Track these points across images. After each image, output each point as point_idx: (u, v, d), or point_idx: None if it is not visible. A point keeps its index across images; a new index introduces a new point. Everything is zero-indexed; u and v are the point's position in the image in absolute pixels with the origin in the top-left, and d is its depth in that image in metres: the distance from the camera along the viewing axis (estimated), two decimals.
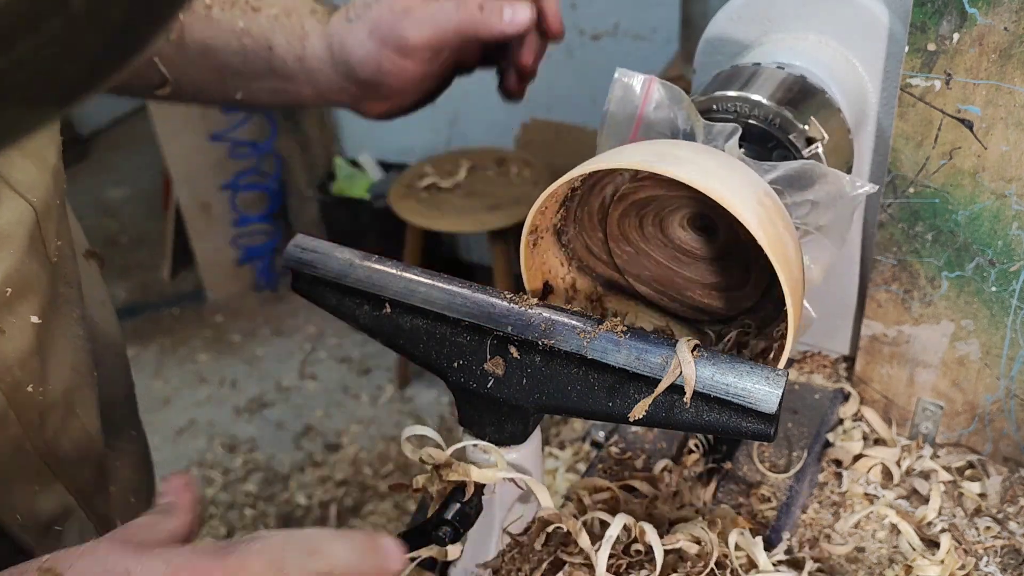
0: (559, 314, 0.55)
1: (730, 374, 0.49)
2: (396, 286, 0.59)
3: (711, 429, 0.51)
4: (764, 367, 0.49)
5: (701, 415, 0.50)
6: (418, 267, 0.60)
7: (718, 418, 0.50)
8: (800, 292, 0.53)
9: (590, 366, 0.53)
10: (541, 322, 0.54)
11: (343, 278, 0.60)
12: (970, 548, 0.69)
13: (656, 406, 0.51)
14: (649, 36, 2.51)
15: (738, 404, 0.49)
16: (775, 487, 0.73)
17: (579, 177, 0.54)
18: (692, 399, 0.50)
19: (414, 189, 2.53)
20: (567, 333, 0.53)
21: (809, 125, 0.63)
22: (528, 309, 0.55)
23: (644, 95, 0.62)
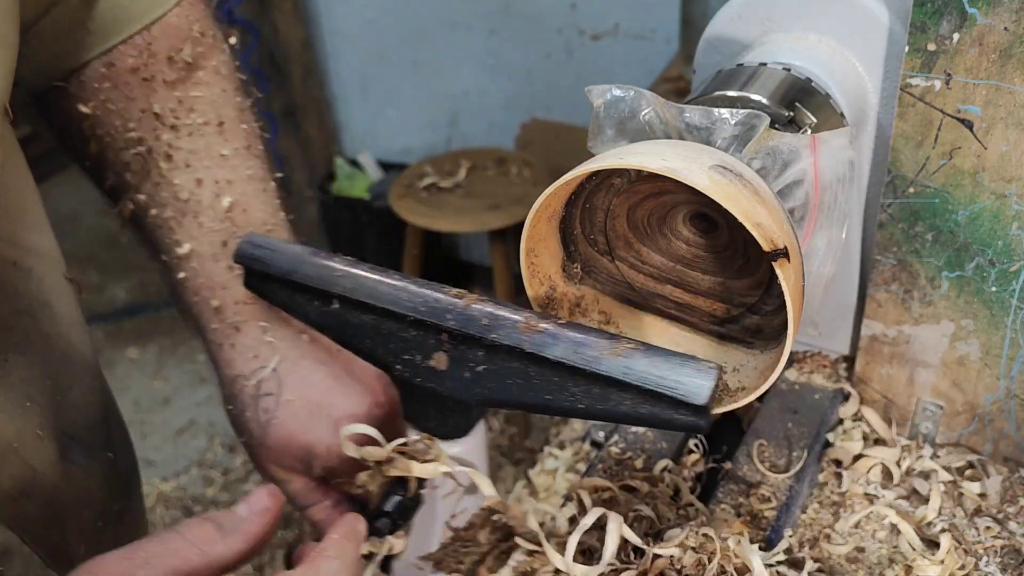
0: (500, 308, 0.56)
1: (663, 367, 0.50)
2: (344, 282, 0.59)
3: (646, 421, 0.52)
4: (697, 360, 0.50)
5: (636, 408, 0.51)
6: (367, 263, 0.61)
7: (652, 410, 0.51)
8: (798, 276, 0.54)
9: (530, 360, 0.54)
10: (483, 317, 0.55)
11: (292, 274, 0.61)
12: (970, 548, 0.69)
13: (593, 399, 0.52)
14: (649, 36, 2.51)
15: (670, 396, 0.50)
16: (775, 487, 0.73)
17: (564, 191, 0.55)
18: (627, 392, 0.51)
19: (414, 189, 2.53)
20: (507, 327, 0.54)
21: (809, 125, 0.63)
22: (471, 304, 0.56)
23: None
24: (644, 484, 0.72)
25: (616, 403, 0.52)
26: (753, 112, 0.57)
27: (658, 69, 2.27)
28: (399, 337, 0.58)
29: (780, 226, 0.53)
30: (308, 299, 0.61)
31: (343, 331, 0.60)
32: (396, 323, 0.58)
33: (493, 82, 2.80)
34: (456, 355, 0.56)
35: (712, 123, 0.58)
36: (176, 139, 0.68)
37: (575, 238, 0.62)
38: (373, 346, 0.59)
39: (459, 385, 0.57)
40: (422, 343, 0.57)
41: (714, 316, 0.63)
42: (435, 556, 0.63)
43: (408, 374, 0.58)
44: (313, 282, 0.60)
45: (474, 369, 0.56)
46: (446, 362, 0.57)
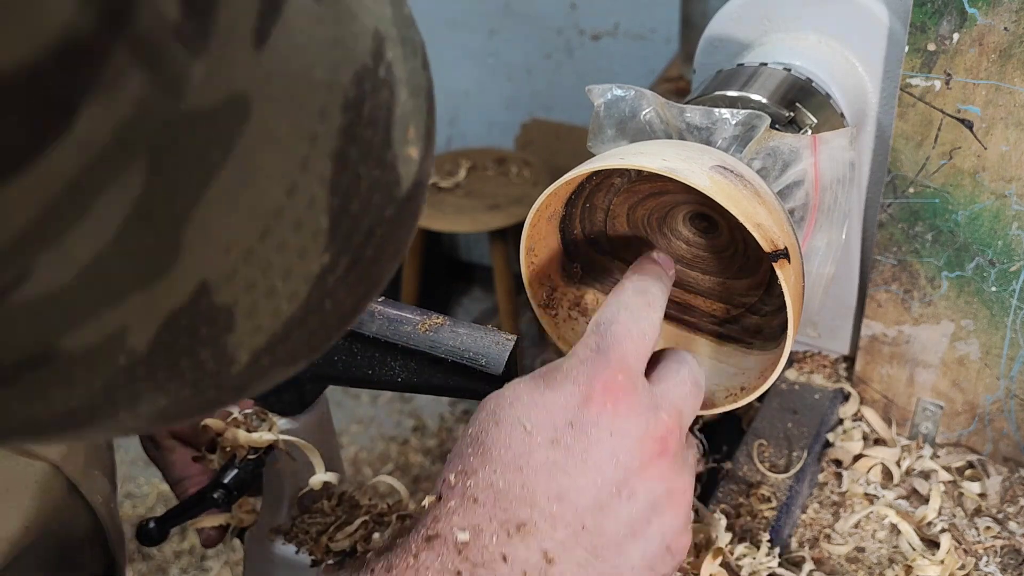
0: None
1: (465, 340, 0.54)
2: None
3: (458, 392, 0.55)
4: (496, 332, 0.54)
5: (447, 380, 0.55)
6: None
7: (461, 382, 0.54)
8: (798, 275, 0.54)
9: (352, 337, 0.57)
10: None
11: None
12: (970, 548, 0.69)
13: (410, 373, 0.55)
14: (649, 36, 2.51)
15: (472, 368, 0.53)
16: (775, 487, 0.73)
17: (564, 191, 0.55)
18: (438, 365, 0.55)
19: None
20: None
21: (809, 125, 0.63)
22: None
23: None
24: None
25: (430, 376, 0.55)
26: (753, 112, 0.57)
27: (658, 69, 2.27)
28: None
29: (780, 227, 0.53)
30: None
31: None
32: None
33: (493, 82, 2.80)
34: None
35: (712, 123, 0.58)
36: None
37: (575, 238, 0.62)
38: None
39: None
40: None
41: (714, 316, 0.63)
42: (283, 527, 0.65)
43: None
44: None
45: None
46: None
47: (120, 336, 0.23)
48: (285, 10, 0.23)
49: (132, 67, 0.20)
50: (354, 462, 2.51)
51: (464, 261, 3.16)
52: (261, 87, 0.23)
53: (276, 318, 0.26)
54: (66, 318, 0.22)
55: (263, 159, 0.24)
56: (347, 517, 0.65)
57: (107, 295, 0.23)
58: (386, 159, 0.28)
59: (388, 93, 0.27)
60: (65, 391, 0.24)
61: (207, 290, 0.24)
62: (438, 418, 2.65)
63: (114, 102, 0.20)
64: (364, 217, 0.28)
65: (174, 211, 0.22)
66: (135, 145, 0.21)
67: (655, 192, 0.60)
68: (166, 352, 0.24)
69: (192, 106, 0.21)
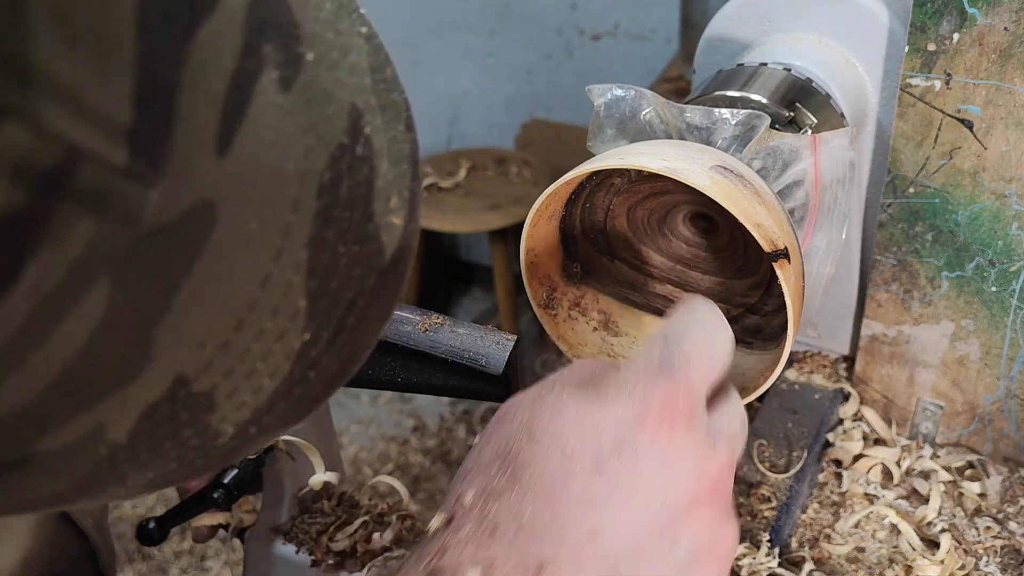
0: None
1: (465, 340, 0.54)
2: None
3: (458, 392, 0.55)
4: (496, 332, 0.54)
5: (447, 380, 0.55)
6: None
7: (461, 382, 0.55)
8: (798, 275, 0.53)
9: None
10: None
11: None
12: (970, 548, 0.69)
13: (409, 372, 0.56)
14: (649, 36, 2.51)
15: (472, 368, 0.53)
16: (775, 487, 0.73)
17: (564, 191, 0.55)
18: (437, 365, 0.55)
19: None
20: None
21: (809, 125, 0.63)
22: None
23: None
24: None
25: (429, 376, 0.56)
26: (754, 112, 0.57)
27: (658, 69, 2.27)
28: None
29: (780, 227, 0.53)
30: None
31: None
32: None
33: (493, 82, 2.79)
34: None
35: (712, 123, 0.58)
36: None
37: (575, 238, 0.62)
38: None
39: None
40: None
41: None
42: (283, 527, 0.66)
43: None
44: None
45: None
46: None
47: (98, 432, 0.24)
48: (249, 111, 0.23)
49: (79, 216, 0.20)
50: (354, 462, 2.51)
51: (464, 261, 3.16)
52: (227, 191, 0.23)
53: (258, 394, 0.26)
54: (40, 426, 0.23)
55: (233, 258, 0.24)
56: (347, 517, 0.65)
57: (79, 401, 0.23)
58: (367, 232, 0.27)
59: (367, 168, 0.27)
60: (49, 481, 0.24)
61: (184, 382, 0.24)
62: (438, 418, 2.65)
63: (63, 248, 0.20)
64: (345, 291, 0.27)
65: (142, 319, 0.23)
66: (93, 273, 0.21)
67: (655, 192, 0.60)
68: (147, 438, 0.24)
69: (152, 226, 0.21)
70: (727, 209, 0.50)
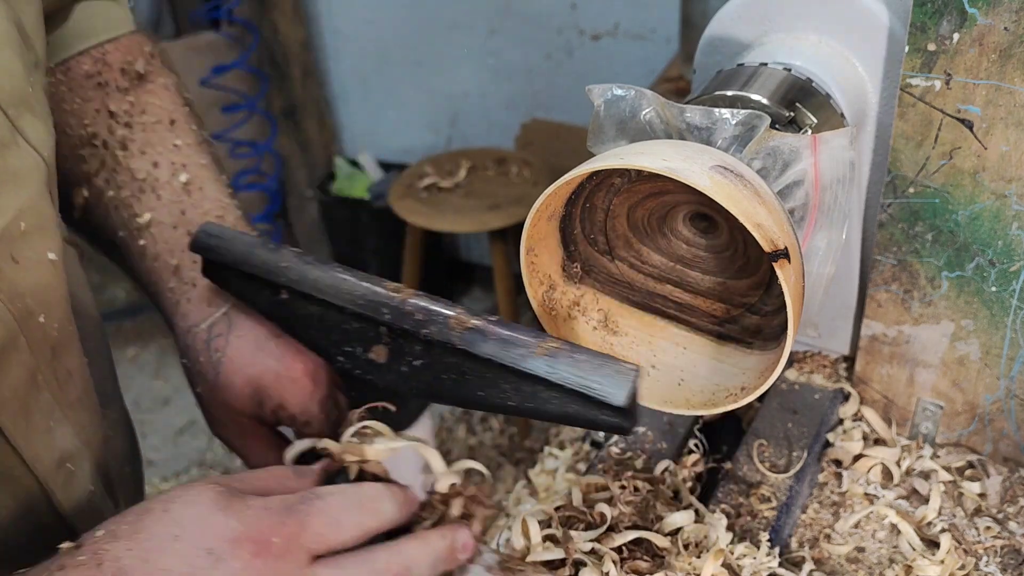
0: (435, 303, 0.57)
1: (585, 367, 0.52)
2: (289, 273, 0.61)
3: (574, 420, 0.53)
4: (617, 362, 0.52)
5: (563, 407, 0.52)
6: (313, 256, 0.62)
7: (578, 410, 0.52)
8: (799, 274, 0.53)
9: (462, 356, 0.55)
10: (418, 312, 0.56)
11: (244, 264, 0.63)
12: (970, 548, 0.69)
13: (523, 396, 0.53)
14: (649, 36, 2.51)
15: (592, 397, 0.51)
16: (775, 487, 0.73)
17: (564, 190, 0.55)
18: (553, 391, 0.52)
19: (414, 189, 2.53)
20: (440, 323, 0.55)
21: (809, 125, 0.63)
22: (407, 299, 0.57)
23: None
24: (645, 484, 0.72)
25: (544, 401, 0.53)
26: (754, 112, 0.57)
27: (658, 69, 2.27)
28: (341, 329, 0.60)
29: (780, 226, 0.53)
30: (259, 288, 0.63)
31: (291, 321, 0.63)
32: (338, 315, 0.60)
33: (493, 82, 2.79)
34: (395, 348, 0.58)
35: (713, 123, 0.58)
36: (131, 133, 0.73)
37: (575, 238, 0.62)
38: (317, 336, 0.61)
39: (396, 378, 0.58)
40: (363, 335, 0.59)
41: (714, 316, 0.63)
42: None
43: (349, 365, 0.60)
44: (262, 272, 0.62)
45: (411, 363, 0.57)
46: (385, 355, 0.58)
47: None
48: None
49: None
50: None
51: (464, 261, 3.16)
52: None
53: None
54: None
55: None
56: (443, 512, 0.63)
57: None
58: None
59: None
60: None
61: None
62: (438, 418, 2.65)
63: None
64: None
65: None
66: None
67: (655, 192, 0.60)
68: None
69: None
70: (727, 209, 0.50)
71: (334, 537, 0.49)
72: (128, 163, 0.72)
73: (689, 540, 0.67)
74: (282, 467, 0.56)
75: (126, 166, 0.72)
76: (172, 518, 0.47)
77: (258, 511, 0.48)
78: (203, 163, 0.75)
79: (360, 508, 0.51)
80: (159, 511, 0.47)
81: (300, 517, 0.48)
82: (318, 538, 0.49)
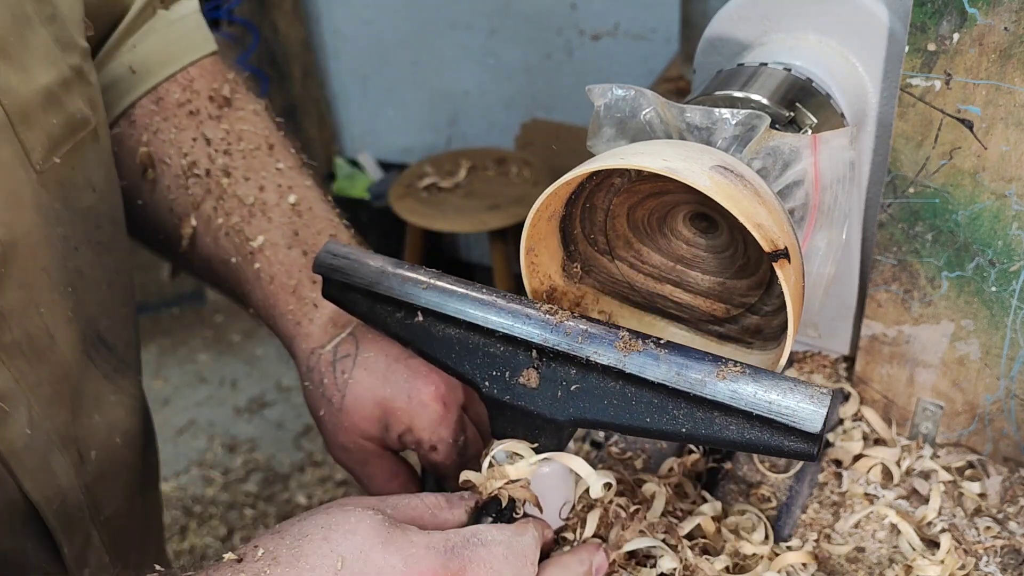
0: (595, 326, 0.54)
1: (774, 392, 0.49)
2: (429, 295, 0.58)
3: (753, 447, 0.50)
4: (808, 386, 0.49)
5: (743, 433, 0.50)
6: (451, 276, 0.60)
7: (760, 436, 0.50)
8: (800, 275, 0.53)
9: (627, 380, 0.53)
10: (577, 334, 0.54)
11: (375, 285, 0.60)
12: (970, 548, 0.69)
13: (696, 423, 0.51)
14: (649, 36, 2.51)
15: (781, 423, 0.48)
16: (775, 487, 0.73)
17: (564, 190, 0.55)
18: (733, 416, 0.50)
19: (414, 189, 2.53)
20: (604, 346, 0.53)
21: (809, 125, 0.63)
22: (564, 320, 0.55)
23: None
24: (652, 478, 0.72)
25: (721, 428, 0.51)
26: (754, 112, 0.57)
27: (658, 69, 2.27)
28: (487, 352, 0.57)
29: (781, 226, 0.53)
30: (391, 311, 0.60)
31: (427, 344, 0.59)
32: (484, 338, 0.57)
33: (493, 82, 2.79)
34: (547, 373, 0.55)
35: (713, 123, 0.58)
36: (231, 161, 0.73)
37: (575, 238, 0.62)
38: (459, 360, 0.58)
39: (550, 404, 0.55)
40: (511, 359, 0.56)
41: (714, 316, 0.63)
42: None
43: (497, 391, 0.57)
44: (396, 294, 0.59)
45: (567, 388, 0.55)
46: (536, 380, 0.55)
47: None
48: None
49: None
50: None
51: (464, 261, 3.16)
52: None
53: None
54: None
55: None
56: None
57: None
58: None
59: None
60: None
61: None
62: None
63: None
64: None
65: None
66: None
67: (655, 192, 0.60)
68: None
69: None
70: (727, 209, 0.50)
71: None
72: (234, 190, 0.72)
73: (734, 527, 0.68)
74: (434, 496, 0.54)
75: (232, 193, 0.72)
76: (332, 548, 0.46)
77: (420, 550, 0.47)
78: (308, 184, 0.75)
79: (521, 560, 0.50)
80: (319, 539, 0.47)
81: (463, 563, 0.48)
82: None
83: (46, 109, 0.60)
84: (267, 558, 0.46)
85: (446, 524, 0.53)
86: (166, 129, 0.73)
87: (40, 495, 0.63)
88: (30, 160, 0.59)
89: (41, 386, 0.63)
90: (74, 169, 0.64)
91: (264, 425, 2.69)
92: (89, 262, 0.67)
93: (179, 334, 3.11)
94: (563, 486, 0.61)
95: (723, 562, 0.63)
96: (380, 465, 0.69)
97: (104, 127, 0.68)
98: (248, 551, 0.47)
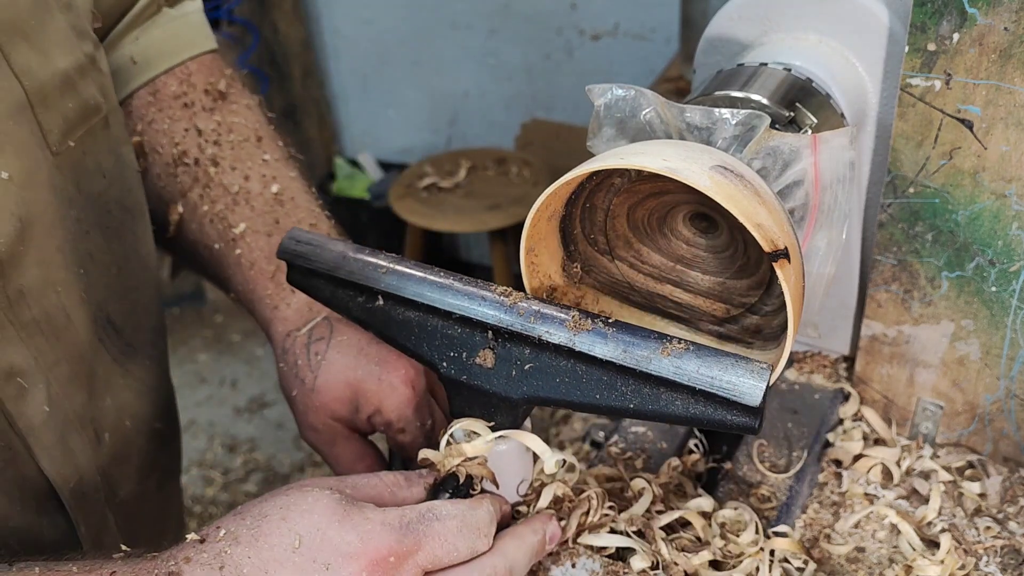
0: (547, 307, 0.56)
1: (715, 367, 0.50)
2: (388, 279, 0.60)
3: (698, 422, 0.52)
4: (749, 361, 0.50)
5: (688, 408, 0.52)
6: (411, 260, 0.61)
7: (704, 410, 0.51)
8: (799, 273, 0.53)
9: (578, 358, 0.54)
10: (530, 314, 0.56)
11: (336, 270, 0.61)
12: (970, 548, 0.69)
13: (643, 399, 0.53)
14: (649, 36, 2.51)
15: (723, 397, 0.50)
16: (775, 487, 0.73)
17: (565, 190, 0.55)
18: (678, 392, 0.51)
19: (414, 189, 2.53)
20: (555, 326, 0.55)
21: (809, 125, 0.63)
22: (517, 302, 0.56)
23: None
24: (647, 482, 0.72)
25: (667, 403, 0.52)
26: (754, 112, 0.57)
27: (658, 69, 2.27)
28: (444, 335, 0.59)
29: (781, 227, 0.53)
30: (352, 295, 0.62)
31: (387, 327, 0.61)
32: (442, 320, 0.59)
33: (493, 82, 2.79)
34: (502, 353, 0.57)
35: (713, 123, 0.58)
36: (220, 151, 0.75)
37: (575, 238, 0.62)
38: (418, 343, 0.60)
39: (505, 383, 0.57)
40: (468, 340, 0.58)
41: (714, 316, 0.63)
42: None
43: (454, 371, 0.58)
44: (357, 278, 0.61)
45: (521, 367, 0.56)
46: (492, 360, 0.57)
47: None
48: None
49: None
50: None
51: (464, 261, 3.16)
52: None
53: None
54: None
55: None
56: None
57: None
58: None
59: None
60: None
61: None
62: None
63: None
64: None
65: None
66: None
67: (655, 192, 0.60)
68: None
69: None
70: (727, 209, 0.50)
71: (448, 560, 0.51)
72: (220, 178, 0.74)
73: (724, 522, 0.68)
74: (392, 473, 0.56)
75: (219, 181, 0.74)
76: (290, 527, 0.48)
77: (376, 526, 0.49)
78: (292, 176, 0.77)
79: (475, 533, 0.52)
80: (277, 519, 0.48)
81: (417, 538, 0.49)
82: (433, 559, 0.50)
83: (63, 93, 0.62)
84: (228, 538, 0.47)
85: (405, 501, 0.54)
86: (160, 120, 0.75)
87: (57, 473, 0.64)
88: (47, 141, 0.61)
89: (59, 365, 0.64)
90: (86, 154, 0.65)
91: (264, 425, 2.69)
92: (99, 246, 0.68)
93: (179, 334, 3.11)
94: (520, 463, 0.62)
95: (706, 557, 0.64)
96: (348, 447, 0.71)
97: (115, 115, 0.70)
98: (211, 531, 0.48)
